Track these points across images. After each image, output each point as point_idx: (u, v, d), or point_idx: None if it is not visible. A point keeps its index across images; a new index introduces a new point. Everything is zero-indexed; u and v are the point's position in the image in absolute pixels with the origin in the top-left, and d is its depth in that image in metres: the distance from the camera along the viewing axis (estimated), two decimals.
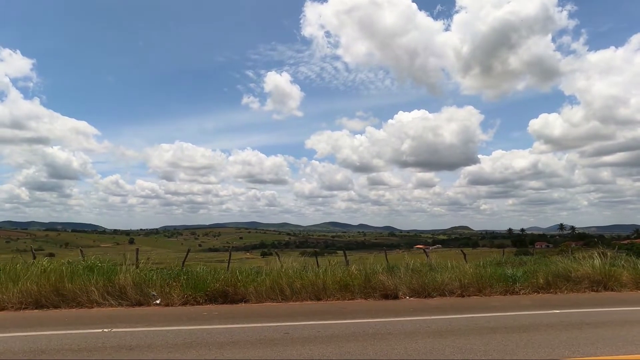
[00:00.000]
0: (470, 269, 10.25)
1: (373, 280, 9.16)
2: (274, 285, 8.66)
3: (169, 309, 7.71)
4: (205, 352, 4.83)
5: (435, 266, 10.84)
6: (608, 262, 11.01)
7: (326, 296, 8.73)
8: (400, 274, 9.65)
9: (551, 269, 10.41)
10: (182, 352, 4.86)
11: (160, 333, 5.75)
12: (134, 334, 5.71)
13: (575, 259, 12.93)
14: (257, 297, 8.45)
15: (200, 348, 5.00)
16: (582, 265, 10.50)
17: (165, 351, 4.88)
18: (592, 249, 14.75)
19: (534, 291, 9.57)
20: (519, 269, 10.60)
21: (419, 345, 5.10)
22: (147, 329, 5.97)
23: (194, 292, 8.19)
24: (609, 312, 7.39)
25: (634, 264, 11.05)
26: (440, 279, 9.44)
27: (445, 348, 4.96)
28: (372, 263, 11.08)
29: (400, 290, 9.10)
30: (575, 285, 9.85)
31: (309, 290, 8.74)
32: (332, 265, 10.52)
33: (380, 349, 4.94)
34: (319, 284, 8.87)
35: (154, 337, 5.52)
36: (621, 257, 12.85)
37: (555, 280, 9.90)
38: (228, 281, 8.53)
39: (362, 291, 8.97)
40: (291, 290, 8.68)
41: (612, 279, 10.01)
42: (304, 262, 11.53)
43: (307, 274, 9.25)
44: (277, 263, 10.40)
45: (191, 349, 4.96)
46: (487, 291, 9.36)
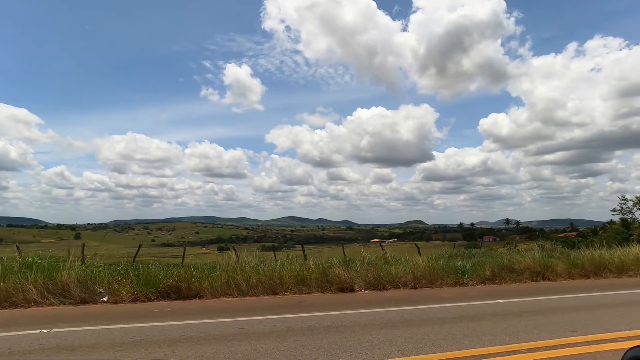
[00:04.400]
0: (423, 262, 10.63)
1: (330, 274, 9.26)
2: (230, 280, 8.53)
3: (118, 307, 7.35)
4: (155, 350, 4.66)
5: (390, 259, 11.16)
6: (546, 254, 11.88)
7: (283, 290, 8.72)
8: (357, 268, 9.83)
9: (497, 261, 11.03)
10: (130, 350, 4.66)
11: (107, 332, 5.46)
12: (76, 333, 5.37)
13: (518, 251, 13.82)
14: (212, 293, 8.28)
15: (150, 346, 4.82)
16: (524, 258, 11.25)
17: (111, 351, 4.65)
18: (534, 242, 15.79)
19: (481, 282, 10.10)
20: (468, 262, 11.12)
21: (372, 337, 5.22)
22: (92, 328, 5.64)
23: (145, 288, 7.87)
24: (545, 300, 7.95)
25: (567, 255, 11.98)
26: (395, 271, 9.72)
27: (397, 338, 5.11)
28: (330, 257, 11.20)
29: (356, 284, 9.27)
30: (518, 276, 10.52)
31: (265, 285, 8.69)
32: (290, 259, 10.52)
33: (334, 341, 5.01)
34: (275, 278, 8.84)
35: (99, 336, 5.24)
36: (557, 249, 13.90)
37: (500, 271, 10.51)
38: (182, 277, 8.29)
39: (319, 285, 9.05)
40: (247, 285, 8.59)
41: (549, 269, 10.80)
42: (261, 257, 11.44)
43: (264, 269, 9.18)
44: (234, 258, 10.24)
45: (140, 347, 4.76)
46: (439, 283, 9.76)
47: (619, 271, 11.53)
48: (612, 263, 11.67)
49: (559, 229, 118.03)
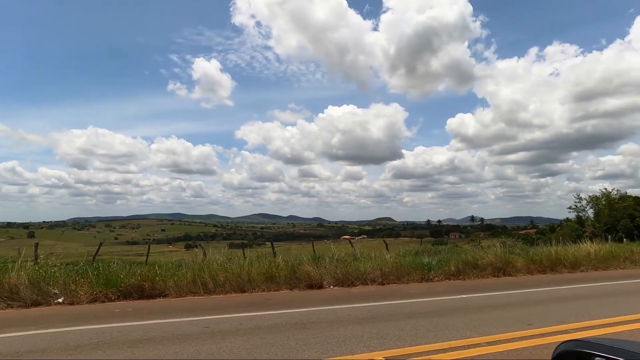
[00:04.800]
0: (391, 258, 10.81)
1: (299, 271, 9.24)
2: (196, 278, 8.35)
3: (74, 308, 7.00)
4: (113, 352, 4.48)
5: (359, 256, 11.26)
6: (507, 251, 12.36)
7: (251, 288, 8.63)
8: (326, 264, 9.86)
9: (461, 257, 11.36)
10: (86, 353, 4.45)
11: (60, 335, 5.16)
12: (25, 338, 5.02)
13: (482, 248, 14.31)
14: (178, 292, 8.07)
15: (108, 348, 4.62)
16: (487, 254, 11.63)
17: (64, 354, 4.42)
18: (496, 239, 16.37)
19: (446, 278, 10.37)
20: (434, 258, 11.39)
21: (339, 333, 5.24)
22: (44, 332, 5.31)
23: (105, 288, 7.55)
24: (506, 295, 8.26)
25: (527, 252, 12.53)
26: (363, 268, 9.82)
27: (363, 334, 5.15)
28: (299, 254, 11.18)
29: (325, 280, 9.29)
30: (481, 271, 10.88)
31: (233, 283, 8.57)
32: (259, 256, 10.42)
33: (301, 338, 4.99)
34: (244, 276, 8.73)
35: (51, 339, 4.94)
36: (518, 246, 14.52)
37: (465, 267, 10.83)
38: (145, 275, 8.03)
39: (287, 282, 9.01)
40: (215, 283, 8.43)
41: (509, 265, 11.24)
42: (230, 254, 11.28)
43: (232, 266, 9.05)
44: (201, 255, 10.03)
45: (97, 350, 4.56)
46: (406, 279, 9.94)
47: (573, 266, 12.14)
48: (567, 259, 12.26)
49: (520, 226, 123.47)
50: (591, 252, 13.12)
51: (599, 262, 12.79)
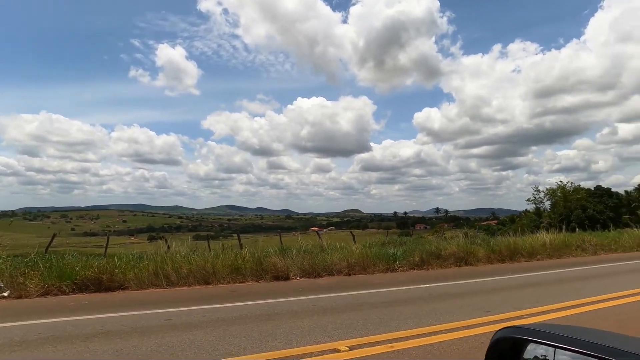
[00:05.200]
0: (358, 249, 10.92)
1: (265, 263, 9.16)
2: (158, 270, 8.09)
3: (22, 302, 6.62)
4: (64, 347, 4.25)
5: (326, 247, 11.30)
6: (469, 242, 12.80)
7: (216, 280, 8.48)
8: (293, 256, 9.84)
9: (425, 248, 11.63)
10: (33, 348, 4.20)
11: (3, 330, 4.85)
12: None
13: (445, 239, 14.74)
14: (138, 284, 7.80)
15: (59, 342, 4.39)
16: (450, 244, 11.99)
17: (7, 350, 4.15)
18: (459, 230, 16.93)
19: (410, 268, 10.59)
20: (400, 249, 11.61)
21: (303, 323, 5.24)
22: None
23: (58, 281, 7.17)
24: (467, 284, 8.55)
25: (488, 242, 13.02)
26: (330, 259, 9.87)
27: (328, 324, 5.17)
28: (267, 246, 11.11)
29: (291, 272, 9.27)
30: (444, 261, 11.19)
31: (197, 275, 8.38)
32: (225, 248, 10.25)
33: (266, 329, 4.95)
34: (208, 268, 8.56)
35: None
36: (479, 236, 15.07)
37: (428, 257, 11.10)
38: (103, 268, 7.69)
39: (254, 274, 8.92)
40: (178, 275, 8.21)
41: (471, 255, 11.63)
42: (194, 246, 11.04)
43: (196, 258, 8.85)
44: (164, 247, 9.73)
45: (46, 345, 4.32)
46: (371, 269, 10.08)
47: (530, 255, 12.74)
48: (525, 248, 12.86)
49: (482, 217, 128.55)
50: (547, 241, 13.81)
51: (553, 251, 13.48)
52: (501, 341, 0.84)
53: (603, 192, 39.35)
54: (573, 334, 0.75)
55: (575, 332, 0.77)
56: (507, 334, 0.84)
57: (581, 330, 0.79)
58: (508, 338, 0.83)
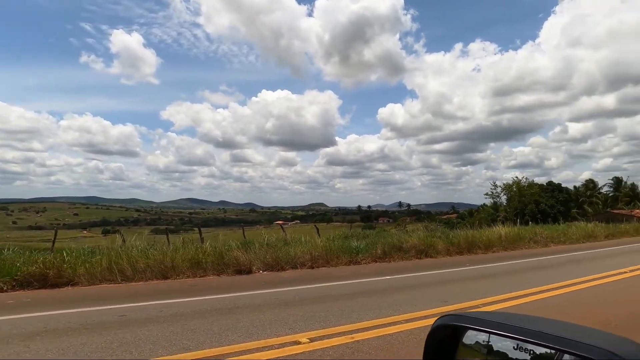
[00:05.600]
0: (321, 242, 10.95)
1: (227, 257, 9.02)
2: (112, 265, 7.72)
3: None
4: (1, 347, 3.94)
5: (290, 241, 11.24)
6: (429, 235, 13.17)
7: (175, 275, 8.24)
8: (256, 250, 9.73)
9: (388, 241, 11.85)
10: None
11: None
12: None
13: (407, 232, 15.09)
14: (90, 280, 7.41)
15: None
16: (411, 237, 12.28)
17: None
18: (421, 223, 17.36)
19: (373, 260, 10.75)
20: (363, 242, 11.78)
21: (265, 316, 5.17)
22: None
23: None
24: (427, 276, 8.79)
25: (447, 235, 13.46)
26: (294, 252, 9.83)
27: (289, 317, 5.14)
28: (229, 239, 10.93)
29: (254, 265, 9.16)
30: (405, 254, 11.45)
31: (155, 270, 8.10)
32: (185, 242, 9.96)
33: (226, 323, 4.84)
34: (167, 262, 8.30)
35: None
36: (439, 229, 15.55)
37: (390, 250, 11.32)
38: (49, 263, 7.22)
39: (215, 268, 8.75)
40: (134, 270, 7.89)
41: (431, 247, 11.98)
42: (153, 240, 10.66)
43: (154, 253, 8.55)
44: (119, 241, 9.31)
45: None
46: (335, 262, 10.13)
47: (486, 248, 13.30)
48: (481, 241, 13.41)
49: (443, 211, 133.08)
50: (502, 234, 14.47)
51: (508, 243, 14.14)
52: (440, 328, 0.86)
53: (554, 188, 41.83)
54: (506, 320, 0.78)
55: (509, 318, 0.81)
56: (447, 322, 0.86)
57: (515, 317, 0.82)
58: (447, 325, 0.86)
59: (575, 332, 0.70)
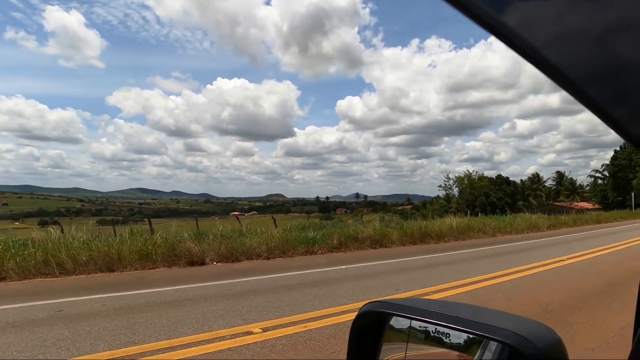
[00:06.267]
0: (278, 233, 10.85)
1: (179, 248, 8.72)
2: (49, 258, 7.18)
3: None
4: None
5: (246, 232, 11.04)
6: (384, 225, 13.45)
7: (122, 267, 7.85)
8: (209, 241, 9.48)
9: (344, 231, 11.97)
10: None
11: None
12: None
13: (363, 222, 15.31)
14: (22, 274, 6.87)
15: None
16: (367, 228, 12.48)
17: None
18: (377, 214, 17.69)
19: (329, 251, 10.81)
20: (319, 232, 11.80)
21: (217, 307, 5.02)
22: None
23: None
24: (381, 265, 8.95)
25: (401, 226, 13.81)
26: (249, 243, 9.66)
27: (242, 308, 5.02)
28: (181, 231, 10.57)
29: (207, 257, 8.92)
30: (361, 244, 11.62)
31: (99, 262, 7.65)
32: (134, 233, 9.48)
33: (175, 316, 4.65)
34: (113, 254, 7.87)
35: None
36: (394, 220, 15.93)
37: (346, 240, 11.44)
38: None
39: (165, 260, 8.44)
40: (74, 262, 7.39)
41: (386, 238, 12.24)
42: (97, 232, 10.06)
43: (98, 244, 8.07)
44: (57, 233, 8.67)
45: None
46: (291, 253, 10.08)
47: (438, 238, 13.77)
48: (434, 231, 13.86)
49: (399, 202, 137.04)
50: (453, 225, 15.04)
51: (459, 234, 14.72)
52: (366, 315, 0.87)
53: (503, 181, 44.38)
54: (427, 307, 0.81)
55: (432, 305, 0.83)
56: (372, 308, 0.87)
57: (437, 303, 0.85)
58: (373, 312, 0.87)
59: (492, 317, 0.74)
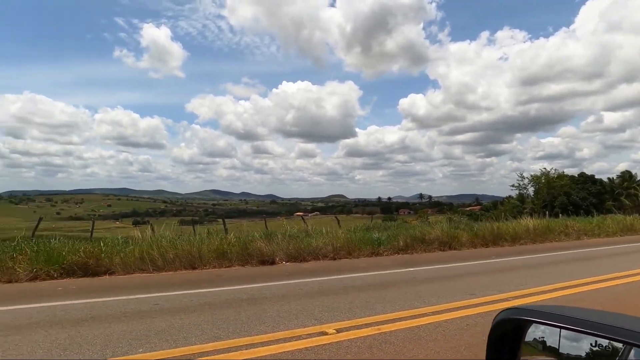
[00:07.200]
0: (342, 234, 11.06)
1: (251, 247, 9.21)
2: (144, 255, 8.08)
3: (12, 287, 6.64)
4: (56, 332, 4.26)
5: (311, 232, 11.40)
6: (453, 226, 13.07)
7: (202, 265, 8.52)
8: (278, 240, 9.89)
9: (410, 232, 11.85)
10: (25, 333, 4.21)
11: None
12: None
13: (429, 224, 15.02)
14: (125, 269, 7.80)
15: (51, 327, 4.40)
16: (434, 229, 12.22)
17: (1, 335, 4.16)
18: (443, 215, 17.22)
19: (395, 252, 10.80)
20: (384, 234, 11.79)
21: (290, 307, 5.33)
22: None
23: (46, 265, 7.17)
24: (451, 268, 8.78)
25: (471, 227, 13.32)
26: (315, 243, 9.96)
27: (314, 308, 5.28)
28: (252, 230, 11.12)
29: (277, 256, 9.35)
30: (428, 246, 11.44)
31: (183, 260, 8.40)
32: (210, 233, 10.25)
33: (253, 313, 5.02)
34: (194, 252, 8.58)
35: None
36: (463, 221, 15.40)
37: (413, 242, 11.33)
38: (89, 252, 7.65)
39: (239, 258, 8.97)
40: (164, 260, 8.22)
41: (455, 239, 11.90)
42: (180, 231, 11.00)
43: (182, 243, 8.85)
44: (149, 232, 9.68)
45: (38, 329, 4.33)
46: (356, 254, 10.24)
47: (513, 240, 13.09)
48: (508, 233, 13.19)
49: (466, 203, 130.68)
50: (530, 226, 14.16)
51: (537, 236, 13.83)
52: (503, 323, 0.81)
53: (587, 179, 40.31)
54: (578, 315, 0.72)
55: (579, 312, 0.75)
56: (509, 315, 0.81)
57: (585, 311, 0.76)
58: (510, 319, 0.81)
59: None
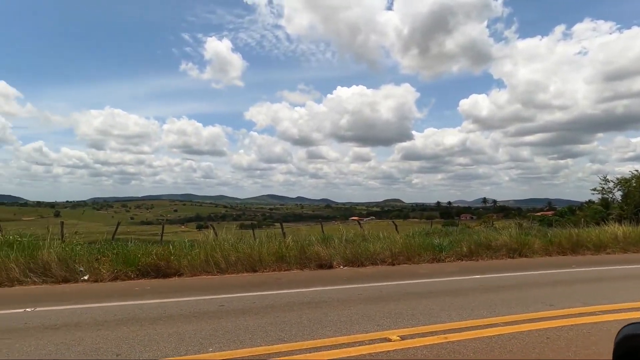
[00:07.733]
0: (401, 239, 10.79)
1: (308, 251, 9.29)
2: (209, 258, 8.47)
3: (98, 285, 7.29)
4: (136, 328, 4.60)
5: (368, 236, 11.26)
6: (523, 232, 12.20)
7: (262, 268, 8.72)
8: (335, 245, 9.89)
9: (474, 238, 11.26)
10: (112, 328, 4.60)
11: (89, 310, 5.42)
12: (59, 312, 5.32)
13: (495, 229, 14.19)
14: (192, 271, 8.22)
15: (132, 324, 4.76)
16: (501, 235, 11.50)
17: (94, 329, 4.58)
18: (510, 220, 16.19)
19: (458, 259, 10.33)
20: (445, 239, 11.33)
21: (351, 312, 5.27)
22: (74, 307, 5.59)
23: (124, 267, 7.80)
24: (523, 276, 8.20)
25: (544, 233, 12.33)
26: (373, 248, 9.82)
27: (376, 313, 5.18)
28: (308, 235, 11.21)
29: (334, 260, 9.34)
30: (495, 252, 10.79)
31: (244, 263, 8.67)
32: (269, 237, 10.49)
33: (314, 317, 5.03)
34: (255, 256, 8.82)
35: (82, 314, 5.20)
36: (534, 227, 14.33)
37: (477, 248, 10.76)
38: (160, 255, 8.18)
39: (297, 262, 9.08)
40: (226, 262, 8.55)
41: (525, 246, 11.09)
42: (240, 235, 11.38)
43: (243, 246, 9.14)
44: (212, 236, 10.15)
45: (122, 326, 4.70)
46: (416, 259, 9.94)
47: (597, 248, 11.79)
48: (590, 241, 11.92)
49: (536, 208, 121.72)
50: (619, 234, 12.64)
51: (627, 245, 12.28)
52: (631, 338, 0.74)
53: None
54: None
55: None
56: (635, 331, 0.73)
57: None
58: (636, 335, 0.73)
59: None
